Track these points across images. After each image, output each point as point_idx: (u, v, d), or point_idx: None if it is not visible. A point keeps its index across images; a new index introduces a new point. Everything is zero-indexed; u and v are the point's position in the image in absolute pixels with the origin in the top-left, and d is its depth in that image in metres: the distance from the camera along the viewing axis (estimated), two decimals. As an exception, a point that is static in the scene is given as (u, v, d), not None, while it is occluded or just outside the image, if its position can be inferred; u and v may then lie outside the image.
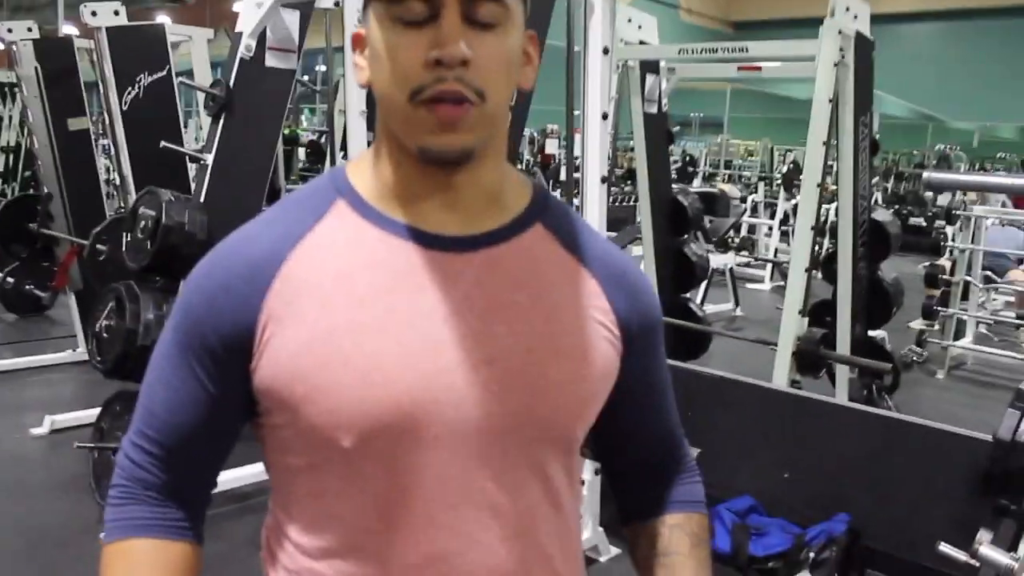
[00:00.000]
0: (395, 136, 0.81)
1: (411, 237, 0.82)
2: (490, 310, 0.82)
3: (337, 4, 3.93)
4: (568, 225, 0.89)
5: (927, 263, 7.47)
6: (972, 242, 6.55)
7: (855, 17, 3.60)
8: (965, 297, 6.63)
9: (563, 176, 12.40)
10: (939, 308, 6.50)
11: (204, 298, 0.82)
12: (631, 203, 10.99)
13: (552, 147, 13.16)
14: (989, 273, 7.00)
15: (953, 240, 7.15)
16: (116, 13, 4.35)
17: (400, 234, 0.82)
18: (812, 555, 2.85)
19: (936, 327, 6.65)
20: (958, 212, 6.82)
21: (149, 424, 0.87)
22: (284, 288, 0.80)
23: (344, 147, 4.44)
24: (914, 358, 6.44)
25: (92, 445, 3.23)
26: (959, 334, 6.63)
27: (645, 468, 1.02)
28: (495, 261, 0.83)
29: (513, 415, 0.81)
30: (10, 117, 9.00)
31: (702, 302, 6.72)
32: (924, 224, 11.99)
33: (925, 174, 2.62)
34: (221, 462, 0.91)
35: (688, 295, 4.85)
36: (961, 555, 2.10)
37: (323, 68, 13.72)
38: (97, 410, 3.32)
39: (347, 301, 0.79)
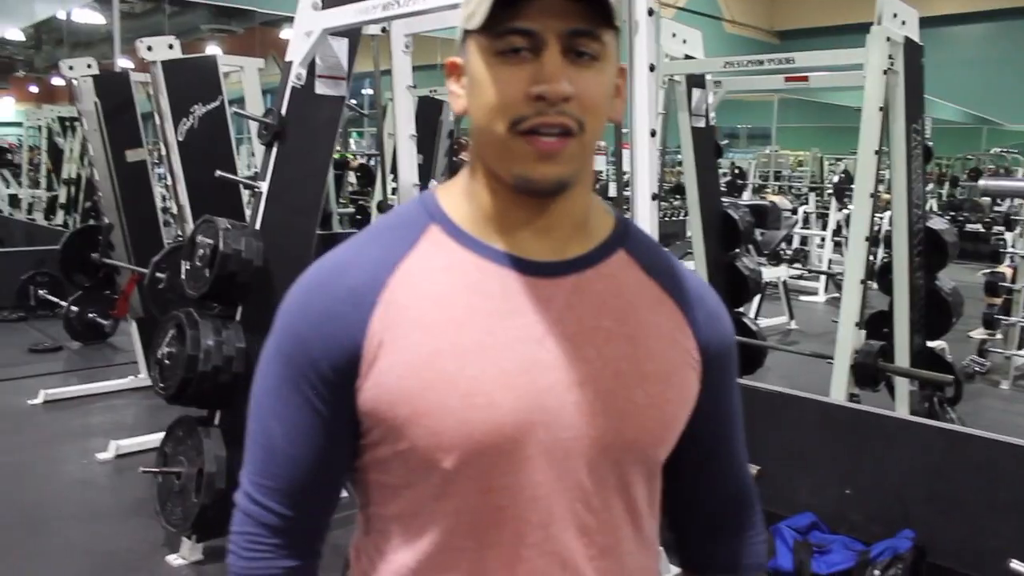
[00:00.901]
0: (491, 165, 0.84)
1: (504, 262, 0.84)
2: (580, 334, 0.84)
3: (384, 30, 4.00)
4: (649, 251, 0.92)
5: (986, 271, 7.29)
6: (1033, 248, 6.39)
7: (903, 23, 3.56)
8: (1028, 304, 6.46)
9: (611, 192, 12.43)
10: (1001, 317, 6.34)
11: (310, 327, 0.84)
12: (680, 218, 10.94)
13: (599, 163, 13.16)
14: (1052, 279, 6.81)
15: (1013, 246, 6.98)
16: (171, 47, 4.46)
17: (494, 259, 0.84)
18: (877, 573, 2.79)
19: (998, 336, 6.49)
20: (1018, 217, 6.66)
21: (269, 460, 0.88)
22: (386, 312, 0.82)
23: (394, 170, 4.50)
24: (976, 369, 6.28)
25: (157, 469, 3.30)
26: (1023, 343, 6.47)
27: (712, 503, 1.02)
28: (583, 286, 0.86)
29: (602, 437, 0.84)
30: (71, 150, 9.27)
31: (756, 316, 6.65)
32: (982, 230, 11.71)
33: (981, 181, 2.58)
34: (338, 495, 0.93)
35: (742, 309, 4.81)
36: (1033, 572, 2.04)
37: (370, 92, 13.90)
38: (160, 435, 3.39)
39: (448, 324, 0.82)
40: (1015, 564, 2.12)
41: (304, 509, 0.89)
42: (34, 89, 25.64)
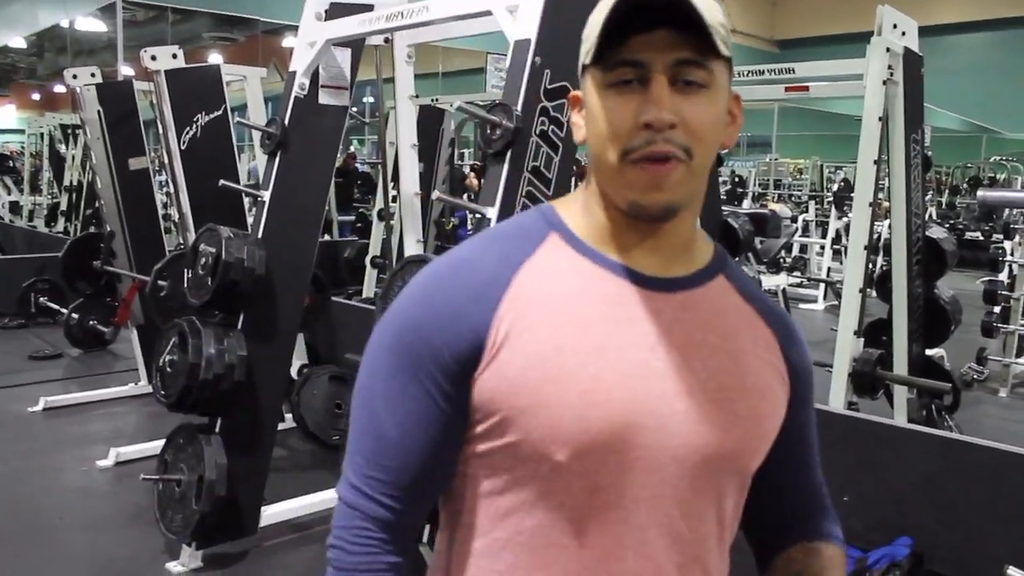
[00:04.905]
0: (605, 190, 0.88)
1: (620, 272, 0.88)
2: (687, 346, 0.88)
3: (387, 40, 4.03)
4: (744, 280, 0.98)
5: (985, 279, 7.31)
6: (1032, 256, 6.41)
7: (903, 34, 3.58)
8: (1027, 313, 6.48)
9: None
10: (999, 324, 6.36)
11: (433, 318, 0.86)
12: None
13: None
14: (1051, 288, 6.83)
15: (1012, 255, 7.00)
16: (174, 56, 4.49)
17: (611, 268, 0.88)
18: (875, 580, 2.80)
19: (997, 344, 6.51)
20: (1016, 226, 6.67)
21: (381, 452, 0.88)
22: (512, 307, 0.85)
23: (395, 178, 4.51)
24: (974, 376, 6.30)
25: (157, 477, 3.31)
26: (1021, 351, 6.48)
27: (788, 520, 1.05)
28: (690, 303, 0.90)
29: (705, 446, 0.87)
30: (72, 157, 9.29)
31: (755, 324, 6.65)
32: (981, 238, 11.73)
33: (980, 192, 2.60)
34: (441, 491, 0.93)
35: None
36: (1030, 579, 2.06)
37: (371, 99, 13.94)
38: (161, 442, 3.39)
39: (572, 322, 0.85)
40: (1012, 571, 2.13)
41: (412, 503, 0.90)
42: (36, 96, 25.71)
